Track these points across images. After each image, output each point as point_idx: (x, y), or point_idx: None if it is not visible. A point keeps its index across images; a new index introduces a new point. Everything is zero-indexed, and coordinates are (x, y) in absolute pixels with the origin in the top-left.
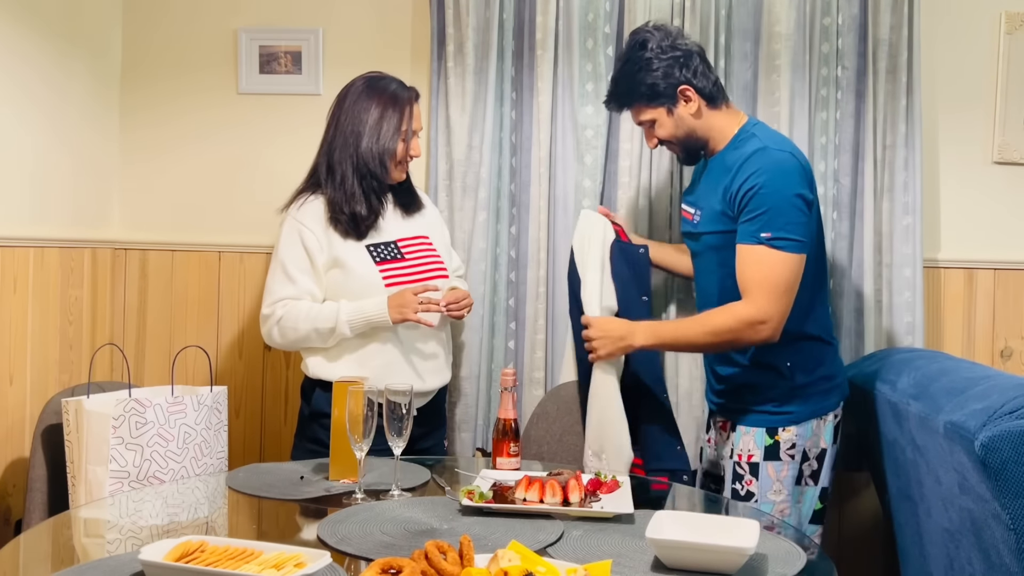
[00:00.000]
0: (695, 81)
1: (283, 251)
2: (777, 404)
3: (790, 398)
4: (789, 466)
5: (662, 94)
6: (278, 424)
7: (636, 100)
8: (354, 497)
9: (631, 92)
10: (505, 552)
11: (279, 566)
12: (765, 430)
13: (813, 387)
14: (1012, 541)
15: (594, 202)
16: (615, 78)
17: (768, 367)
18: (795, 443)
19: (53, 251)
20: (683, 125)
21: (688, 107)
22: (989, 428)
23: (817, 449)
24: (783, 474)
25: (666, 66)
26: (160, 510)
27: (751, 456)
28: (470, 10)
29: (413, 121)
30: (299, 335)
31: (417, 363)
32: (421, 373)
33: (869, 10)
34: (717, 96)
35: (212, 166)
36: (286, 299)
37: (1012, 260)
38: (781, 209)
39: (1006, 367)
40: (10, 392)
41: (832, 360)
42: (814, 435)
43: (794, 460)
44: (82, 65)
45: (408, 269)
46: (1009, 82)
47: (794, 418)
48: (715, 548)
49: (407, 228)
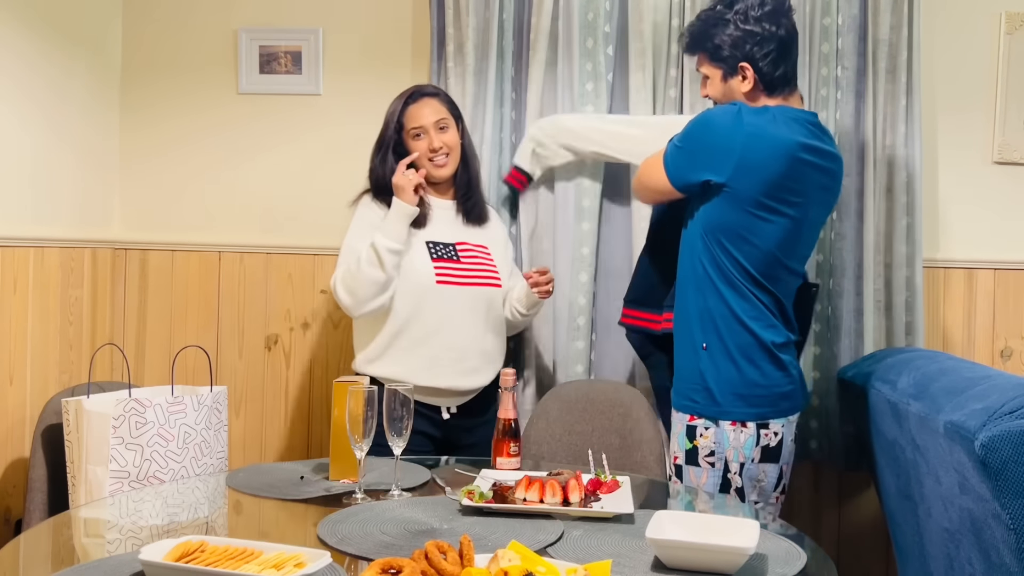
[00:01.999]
0: (760, 64)
1: (351, 232)
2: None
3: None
4: (709, 473)
5: (723, 60)
6: (278, 424)
7: (700, 50)
8: (354, 497)
9: (699, 40)
10: (505, 552)
11: (279, 566)
12: (685, 432)
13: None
14: (1012, 541)
15: (594, 202)
16: (698, 17)
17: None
18: (713, 450)
19: (53, 251)
20: (730, 96)
21: (743, 84)
22: (989, 428)
23: (737, 463)
24: (702, 481)
25: (739, 36)
26: (160, 510)
27: (676, 458)
28: (470, 10)
29: (411, 119)
30: (357, 279)
31: (459, 362)
32: (463, 372)
33: (869, 10)
34: (778, 86)
35: (212, 166)
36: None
37: (1012, 260)
38: (689, 128)
39: (1006, 367)
40: (10, 392)
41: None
42: (732, 444)
43: (714, 468)
44: (82, 65)
45: (462, 270)
46: (1009, 82)
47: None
48: (715, 548)
49: (467, 234)
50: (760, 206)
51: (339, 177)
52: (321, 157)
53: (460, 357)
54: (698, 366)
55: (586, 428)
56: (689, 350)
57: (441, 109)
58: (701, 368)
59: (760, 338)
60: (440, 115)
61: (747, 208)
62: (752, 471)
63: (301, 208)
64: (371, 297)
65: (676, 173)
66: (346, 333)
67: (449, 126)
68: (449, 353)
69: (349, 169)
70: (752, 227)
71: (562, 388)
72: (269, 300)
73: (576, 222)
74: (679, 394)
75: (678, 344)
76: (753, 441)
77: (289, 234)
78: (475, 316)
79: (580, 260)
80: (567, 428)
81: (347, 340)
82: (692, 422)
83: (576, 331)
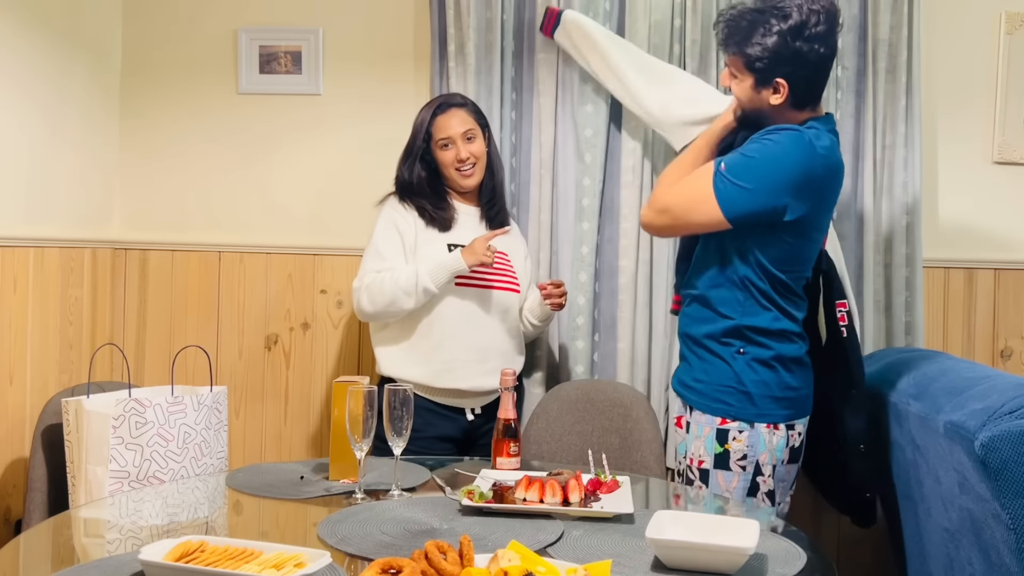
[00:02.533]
0: (792, 81)
1: (377, 234)
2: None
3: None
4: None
5: (757, 68)
6: (278, 424)
7: (737, 51)
8: (354, 497)
9: (740, 41)
10: (505, 552)
11: (279, 566)
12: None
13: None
14: (1012, 541)
15: (594, 201)
16: (742, 13)
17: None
18: (746, 453)
19: (53, 251)
20: (756, 104)
21: (772, 97)
22: (989, 428)
23: (770, 466)
24: (732, 485)
25: (785, 54)
26: (160, 510)
27: (701, 462)
28: (471, 10)
29: (439, 130)
30: (386, 298)
31: (481, 363)
32: (484, 372)
33: (869, 10)
34: (807, 101)
35: (212, 166)
36: (374, 271)
37: (1012, 260)
38: (754, 163)
39: (1006, 367)
40: (10, 392)
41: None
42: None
43: (745, 472)
44: (82, 65)
45: (481, 273)
46: (1009, 82)
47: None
48: (715, 548)
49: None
50: (820, 230)
51: (340, 177)
52: (321, 157)
53: (481, 358)
54: (733, 369)
55: (586, 428)
56: (720, 355)
57: (468, 119)
58: (737, 371)
59: (799, 347)
60: (468, 125)
61: (810, 234)
62: (781, 472)
63: (301, 208)
64: (391, 317)
65: (736, 207)
66: (346, 333)
67: (476, 136)
68: (469, 354)
69: (350, 169)
70: (805, 249)
71: (562, 388)
72: (269, 300)
73: (576, 222)
74: (706, 396)
75: (699, 350)
76: (784, 442)
77: (289, 234)
78: (493, 318)
79: (580, 260)
80: (567, 428)
81: (347, 340)
82: (724, 425)
83: (576, 331)
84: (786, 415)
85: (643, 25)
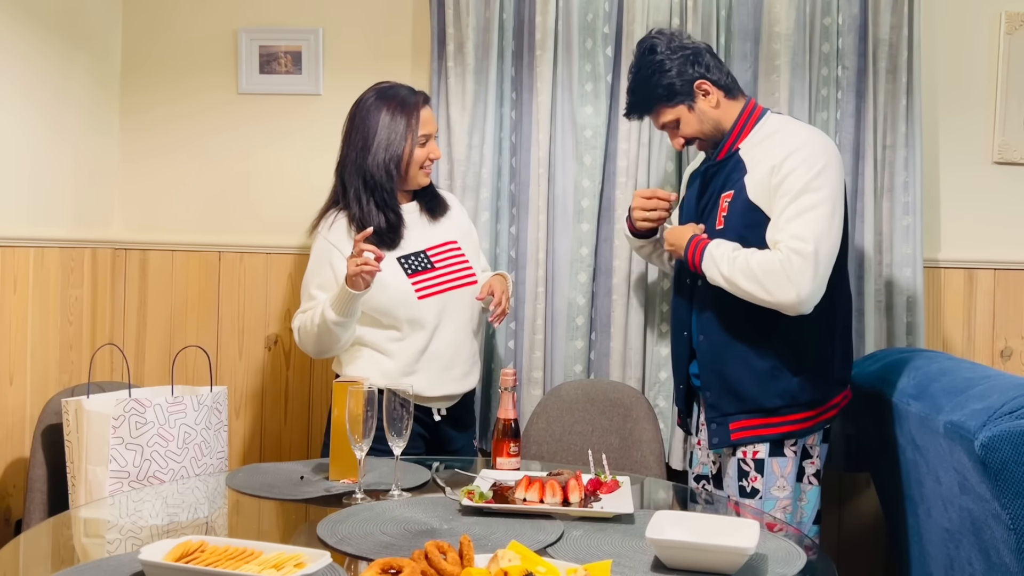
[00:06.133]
0: (710, 75)
1: (310, 272)
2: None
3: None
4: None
5: (679, 92)
6: (278, 424)
7: (656, 103)
8: (354, 497)
9: (649, 97)
10: (505, 552)
11: (279, 566)
12: None
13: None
14: (1012, 541)
15: (593, 202)
16: (631, 88)
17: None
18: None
19: (53, 251)
20: (707, 119)
21: (708, 100)
22: (989, 428)
23: (819, 447)
24: (787, 470)
25: (679, 65)
26: (160, 510)
27: (756, 452)
28: (470, 10)
29: (423, 125)
30: (311, 338)
31: (449, 369)
32: (454, 379)
33: (869, 10)
34: (733, 87)
35: (212, 166)
36: (302, 311)
37: (1012, 260)
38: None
39: (1006, 367)
40: (10, 392)
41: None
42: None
43: (795, 456)
44: (82, 65)
45: (440, 278)
46: (1009, 82)
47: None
48: (715, 548)
49: (435, 234)
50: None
51: None
52: (321, 157)
53: (449, 364)
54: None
55: (586, 428)
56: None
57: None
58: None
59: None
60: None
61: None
62: (822, 451)
63: (301, 208)
64: (333, 351)
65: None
66: None
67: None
68: (439, 362)
69: None
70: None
71: (562, 388)
72: (269, 300)
73: (576, 222)
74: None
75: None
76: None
77: (289, 234)
78: (459, 319)
79: (579, 260)
80: (567, 428)
81: None
82: None
83: (575, 331)
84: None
85: (642, 26)
